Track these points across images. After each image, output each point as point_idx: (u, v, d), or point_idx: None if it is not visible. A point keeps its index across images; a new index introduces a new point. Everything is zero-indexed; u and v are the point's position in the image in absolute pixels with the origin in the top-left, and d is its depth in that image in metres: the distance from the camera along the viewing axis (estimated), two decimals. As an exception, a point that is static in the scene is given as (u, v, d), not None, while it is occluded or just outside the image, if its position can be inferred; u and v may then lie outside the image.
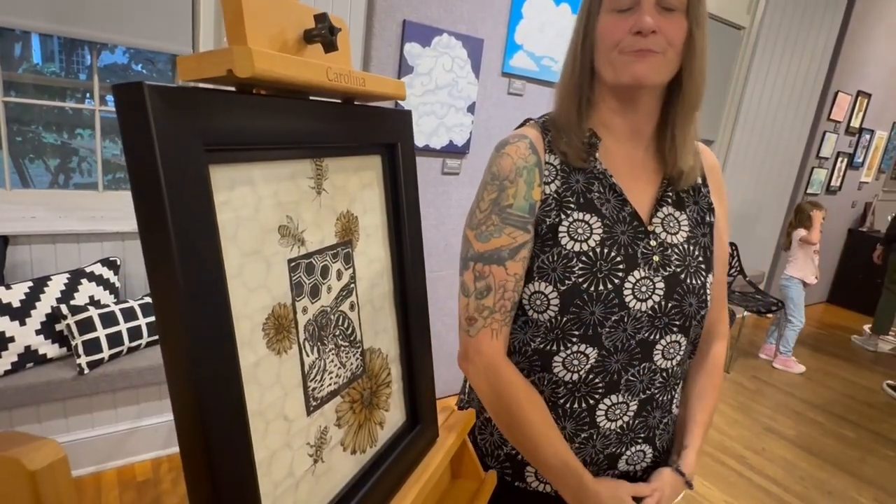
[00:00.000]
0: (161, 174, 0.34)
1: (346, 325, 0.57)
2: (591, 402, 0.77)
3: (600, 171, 0.77)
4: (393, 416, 0.66)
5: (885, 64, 4.91)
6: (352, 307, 0.58)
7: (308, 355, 0.51)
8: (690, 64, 0.73)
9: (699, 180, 0.83)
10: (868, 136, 5.13)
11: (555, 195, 0.76)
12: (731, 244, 3.79)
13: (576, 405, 0.78)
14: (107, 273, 2.07)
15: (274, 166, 0.46)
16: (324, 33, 0.46)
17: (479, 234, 0.76)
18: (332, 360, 0.54)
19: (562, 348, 0.76)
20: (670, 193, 0.80)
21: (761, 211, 4.64)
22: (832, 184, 4.90)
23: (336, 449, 0.55)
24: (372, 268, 0.62)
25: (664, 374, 0.80)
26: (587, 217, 0.75)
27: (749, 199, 4.63)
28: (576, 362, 0.76)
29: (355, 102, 0.57)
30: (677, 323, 0.77)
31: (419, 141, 2.30)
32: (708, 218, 0.82)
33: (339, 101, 0.55)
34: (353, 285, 0.58)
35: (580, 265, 0.74)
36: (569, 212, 0.75)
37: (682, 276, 0.77)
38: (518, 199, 0.75)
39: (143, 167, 0.34)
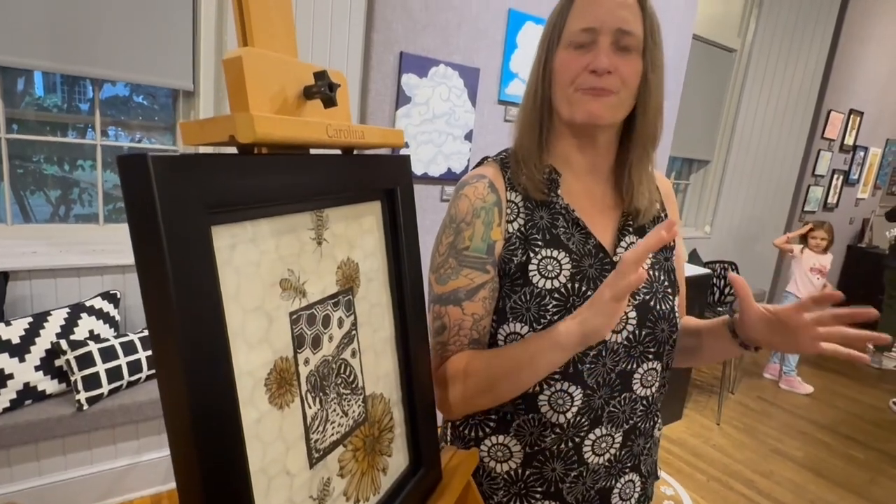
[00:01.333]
0: (164, 243, 0.34)
1: (347, 373, 0.57)
2: (577, 440, 0.77)
3: (563, 206, 0.77)
4: (396, 460, 0.65)
5: (876, 81, 4.98)
6: (353, 354, 0.58)
7: (310, 407, 0.50)
8: (644, 104, 0.75)
9: (657, 206, 0.83)
10: (862, 154, 5.18)
11: (519, 233, 0.75)
12: (732, 264, 3.79)
13: (563, 446, 0.77)
14: (107, 307, 2.07)
15: (275, 221, 0.47)
16: (323, 90, 0.47)
17: (438, 277, 0.77)
18: (335, 410, 0.54)
19: (545, 388, 0.75)
20: (631, 223, 0.80)
21: (760, 230, 4.66)
22: (829, 201, 4.92)
23: (339, 500, 0.54)
24: (373, 313, 0.62)
25: (644, 402, 0.79)
26: (555, 253, 0.75)
27: (747, 217, 4.65)
28: (561, 402, 0.75)
29: (354, 152, 0.58)
30: (652, 350, 0.77)
31: (418, 169, 2.32)
32: (669, 243, 0.82)
33: (338, 151, 0.56)
34: (354, 332, 0.58)
35: (554, 303, 0.73)
36: (537, 249, 0.75)
37: (652, 302, 0.77)
38: (475, 241, 0.75)
39: (146, 237, 0.34)
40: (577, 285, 0.74)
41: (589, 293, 0.74)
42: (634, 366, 0.76)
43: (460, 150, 2.43)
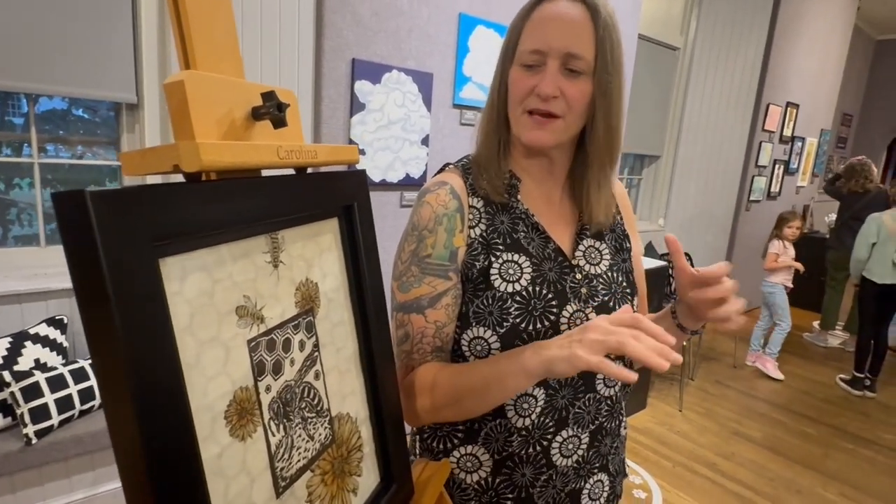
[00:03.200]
0: (108, 284, 0.32)
1: (311, 396, 0.55)
2: (545, 443, 0.77)
3: (522, 210, 0.78)
4: (366, 480, 0.64)
5: (809, 76, 5.26)
6: (317, 376, 0.57)
7: (274, 435, 0.49)
8: (593, 126, 0.75)
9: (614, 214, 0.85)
10: (800, 144, 5.46)
11: (480, 238, 0.76)
12: (686, 255, 3.91)
13: (530, 450, 0.77)
14: (53, 333, 1.96)
15: (228, 248, 0.45)
16: (272, 111, 0.46)
17: (400, 285, 0.77)
18: (300, 435, 0.53)
19: None
20: (588, 226, 0.82)
21: (710, 220, 4.84)
22: (772, 190, 5.16)
23: (309, 527, 0.53)
24: (336, 332, 0.61)
25: (609, 402, 0.81)
26: (516, 257, 0.76)
27: (698, 209, 4.82)
28: (526, 406, 0.75)
29: (308, 170, 0.56)
30: None
31: (375, 176, 2.30)
32: (626, 244, 0.86)
33: (292, 170, 0.55)
34: (316, 353, 0.57)
35: (515, 305, 0.74)
36: (498, 253, 0.75)
37: (611, 303, 0.78)
38: (437, 248, 0.75)
39: (88, 277, 0.33)
40: (537, 288, 0.75)
41: (549, 295, 0.75)
42: None
43: (418, 155, 2.43)
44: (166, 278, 0.38)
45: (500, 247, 0.76)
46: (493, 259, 0.75)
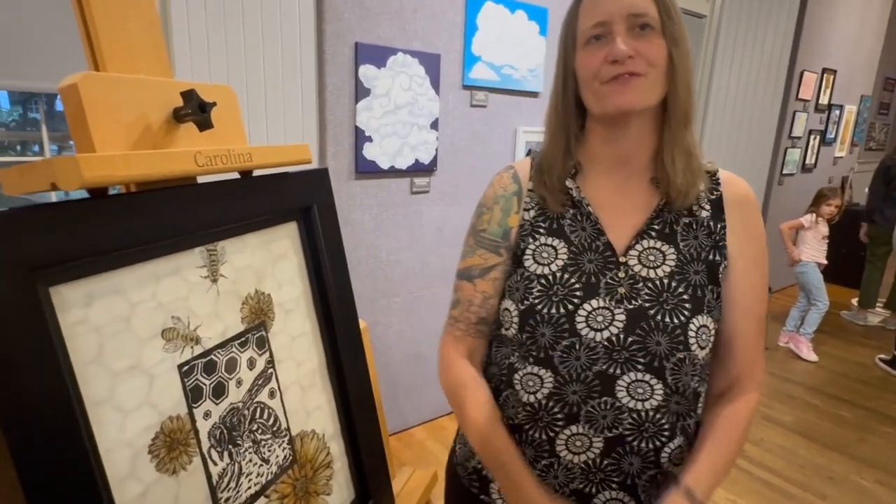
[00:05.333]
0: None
1: (266, 417, 0.52)
2: (552, 433, 0.75)
3: (577, 199, 0.77)
4: (338, 497, 0.61)
5: (847, 39, 4.94)
6: (272, 395, 0.53)
7: (215, 464, 0.46)
8: (674, 85, 0.72)
9: (704, 213, 0.77)
10: (837, 112, 5.16)
11: (530, 221, 0.79)
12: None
13: (537, 434, 0.76)
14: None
15: (149, 266, 0.41)
16: (192, 112, 0.42)
17: (462, 254, 0.83)
18: (251, 460, 0.49)
19: (521, 367, 0.76)
20: (657, 226, 0.75)
21: (740, 195, 4.64)
22: (807, 162, 4.91)
23: (264, 557, 0.50)
24: (295, 345, 0.57)
25: (635, 416, 0.74)
26: (554, 242, 0.77)
27: (726, 184, 4.62)
28: (531, 383, 0.76)
29: (254, 173, 0.52)
30: (641, 360, 0.72)
31: (384, 163, 2.25)
32: (710, 256, 0.76)
33: (237, 175, 0.50)
34: (271, 370, 0.53)
35: (538, 287, 0.75)
36: (537, 236, 0.77)
37: (652, 311, 0.72)
38: (492, 225, 0.79)
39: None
40: (566, 276, 0.74)
41: (576, 285, 0.74)
42: (618, 371, 0.72)
43: (427, 139, 2.37)
44: (60, 308, 0.34)
45: (542, 230, 0.78)
46: (531, 241, 0.77)
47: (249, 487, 0.49)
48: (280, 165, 0.51)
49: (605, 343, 0.71)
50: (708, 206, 0.77)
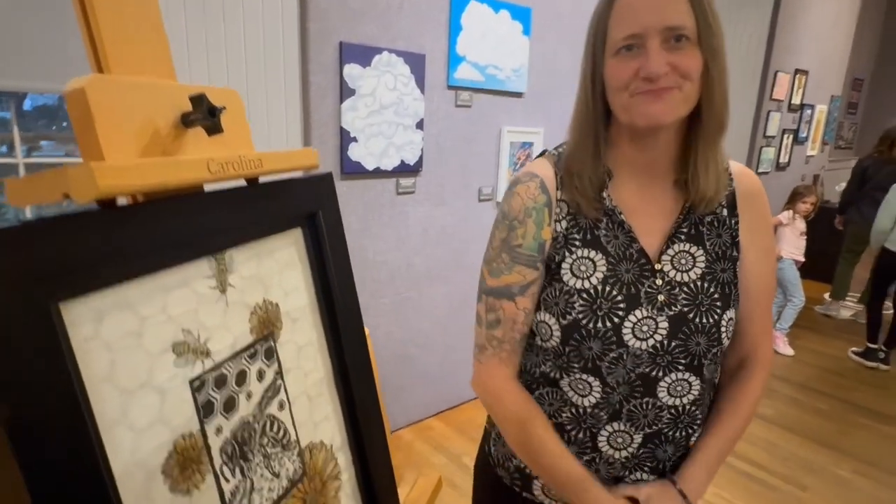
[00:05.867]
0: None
1: (276, 430, 0.50)
2: (594, 431, 0.78)
3: (610, 207, 0.75)
4: (345, 509, 0.60)
5: (818, 40, 5.07)
6: (281, 406, 0.51)
7: (228, 481, 0.44)
8: (710, 95, 0.70)
9: (724, 211, 0.78)
10: (809, 112, 5.29)
11: (563, 233, 0.76)
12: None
13: (580, 435, 0.78)
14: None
15: (158, 278, 0.39)
16: (202, 117, 0.40)
17: (491, 270, 0.78)
18: (262, 475, 0.48)
19: (566, 376, 0.77)
20: (686, 229, 0.76)
21: (717, 193, 4.72)
22: (781, 161, 5.03)
23: (276, 574, 0.48)
24: (303, 354, 0.55)
25: (673, 412, 0.77)
26: (591, 254, 0.75)
27: (704, 183, 4.70)
28: (580, 387, 0.77)
29: (260, 179, 0.50)
30: (683, 361, 0.74)
31: (369, 164, 2.23)
32: (732, 252, 0.78)
33: (242, 182, 0.49)
34: (279, 382, 0.52)
35: (581, 302, 0.73)
36: (573, 249, 0.75)
37: (691, 314, 0.74)
38: (527, 239, 0.75)
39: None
40: (608, 288, 0.74)
41: (619, 297, 0.73)
42: (661, 373, 0.74)
43: (412, 139, 2.35)
44: (71, 324, 0.32)
45: (577, 242, 0.75)
46: (567, 254, 0.75)
47: (262, 502, 0.47)
48: (289, 171, 0.50)
49: (650, 350, 0.73)
50: (725, 203, 0.79)
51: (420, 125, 2.35)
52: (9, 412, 0.27)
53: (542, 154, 0.83)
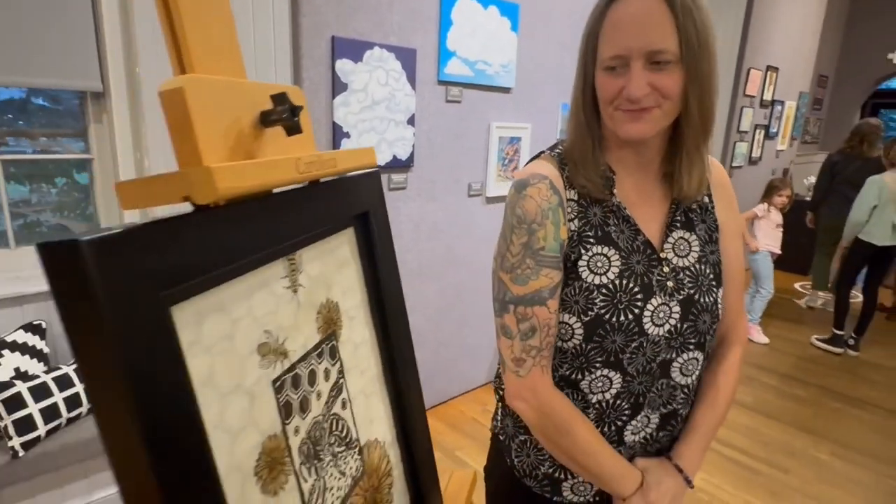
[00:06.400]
0: (112, 347, 0.26)
1: (340, 429, 0.50)
2: (620, 424, 0.81)
3: (615, 204, 0.79)
4: (397, 505, 0.60)
5: (788, 38, 5.23)
6: (344, 405, 0.51)
7: (306, 481, 0.44)
8: (687, 111, 0.73)
9: (706, 199, 0.84)
10: (780, 108, 5.46)
11: (577, 231, 0.78)
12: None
13: (605, 429, 0.81)
14: (32, 339, 1.87)
15: (244, 280, 0.39)
16: (284, 116, 0.40)
17: (515, 278, 0.76)
18: (332, 474, 0.48)
19: (587, 375, 0.79)
20: (679, 217, 0.82)
21: (694, 187, 4.83)
22: (753, 155, 5.18)
23: (347, 572, 0.49)
24: (358, 353, 0.55)
25: (685, 390, 0.83)
26: (605, 250, 0.77)
27: (682, 177, 4.80)
28: (600, 384, 0.79)
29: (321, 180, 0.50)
30: (693, 341, 0.80)
31: (362, 159, 2.22)
32: (714, 235, 0.84)
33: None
34: (342, 380, 0.52)
35: (601, 297, 0.76)
36: (588, 246, 0.77)
37: (696, 296, 0.79)
38: (549, 241, 0.76)
39: (87, 340, 0.27)
40: (624, 282, 0.76)
41: (635, 289, 0.77)
42: (674, 355, 0.79)
43: (404, 135, 2.34)
44: (180, 328, 0.32)
45: (591, 239, 0.77)
46: (583, 251, 0.77)
47: (334, 502, 0.47)
48: (356, 170, 0.50)
49: (666, 335, 0.78)
50: (705, 191, 0.85)
51: (411, 121, 2.34)
52: (143, 428, 0.27)
53: (538, 156, 0.84)
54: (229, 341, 0.37)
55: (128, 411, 0.27)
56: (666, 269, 0.79)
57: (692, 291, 0.79)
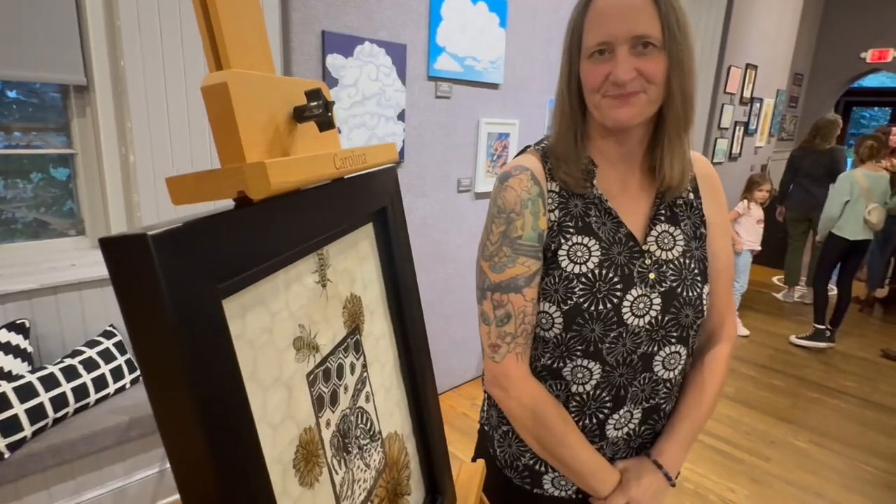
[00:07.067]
0: (177, 340, 0.27)
1: (365, 422, 0.51)
2: (601, 416, 0.81)
3: (596, 196, 0.80)
4: (416, 497, 0.61)
5: (767, 37, 5.34)
6: (367, 398, 0.52)
7: (337, 473, 0.45)
8: (671, 97, 0.75)
9: (691, 195, 0.85)
10: (758, 105, 5.58)
11: (557, 222, 0.79)
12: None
13: (587, 421, 0.82)
14: (15, 338, 1.83)
15: (281, 274, 0.39)
16: (319, 112, 0.40)
17: (493, 266, 0.78)
18: (359, 466, 0.48)
19: (567, 363, 0.79)
20: (663, 210, 0.82)
21: (675, 183, 4.91)
22: (733, 152, 5.28)
23: (374, 562, 0.49)
24: (379, 347, 0.56)
25: (668, 385, 0.83)
26: (585, 240, 0.78)
27: (664, 173, 4.88)
28: (580, 375, 0.79)
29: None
30: (675, 334, 0.80)
31: (352, 155, 2.21)
32: (700, 230, 0.85)
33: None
34: (365, 374, 0.52)
35: (580, 286, 0.77)
36: (568, 236, 0.78)
37: (679, 289, 0.80)
38: (526, 230, 0.77)
39: (150, 333, 0.27)
40: (604, 272, 0.77)
41: (615, 279, 0.77)
42: (656, 348, 0.80)
43: (394, 131, 2.34)
44: (230, 321, 0.32)
45: (571, 229, 0.78)
46: (563, 241, 0.78)
47: (360, 493, 0.48)
48: (382, 165, 0.50)
49: (647, 327, 0.78)
50: (690, 187, 0.86)
51: (401, 116, 2.34)
52: (205, 421, 0.28)
53: (524, 150, 0.86)
54: (269, 335, 0.37)
55: (188, 402, 0.27)
56: (648, 262, 0.79)
57: (675, 284, 0.79)
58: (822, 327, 3.76)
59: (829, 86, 7.59)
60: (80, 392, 1.84)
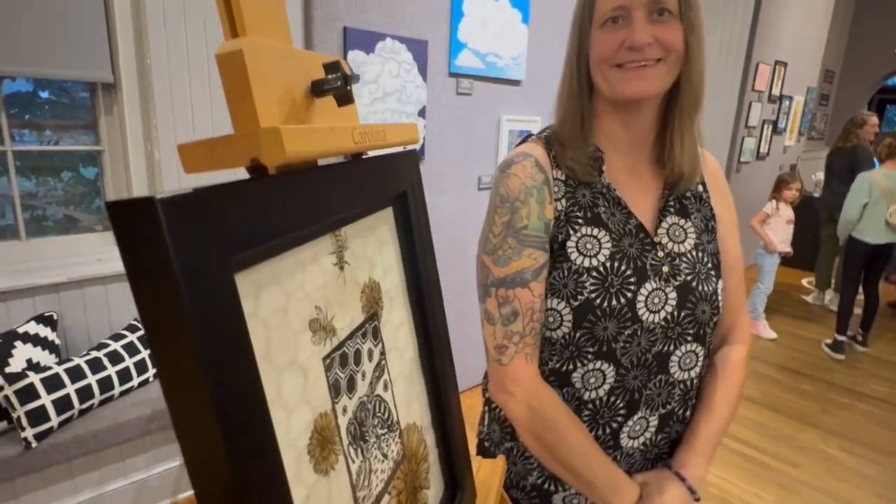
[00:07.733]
0: (187, 314, 0.25)
1: (383, 411, 0.49)
2: (615, 425, 0.76)
3: (604, 185, 0.76)
4: (434, 491, 0.59)
5: (797, 33, 5.20)
6: (385, 387, 0.50)
7: (353, 461, 0.43)
8: (689, 69, 0.72)
9: (700, 188, 0.82)
10: (788, 103, 5.44)
11: (564, 212, 0.74)
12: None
13: (600, 431, 0.76)
14: (44, 331, 1.86)
15: (296, 252, 0.38)
16: (338, 85, 0.39)
17: (496, 259, 0.72)
18: (376, 456, 0.47)
19: (578, 366, 0.74)
20: (672, 202, 0.79)
21: (700, 183, 4.81)
22: (761, 150, 5.16)
23: (391, 556, 0.48)
24: (398, 335, 0.54)
25: (683, 387, 0.78)
26: (595, 231, 0.74)
27: (688, 172, 4.78)
28: (592, 380, 0.74)
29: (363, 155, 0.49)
30: (691, 332, 0.76)
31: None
32: (711, 224, 0.81)
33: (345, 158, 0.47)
34: (384, 362, 0.51)
35: (591, 280, 0.72)
36: (576, 227, 0.73)
37: (694, 283, 0.75)
38: (532, 220, 0.72)
39: (158, 306, 0.26)
40: (616, 264, 0.73)
41: (628, 272, 0.73)
42: (672, 347, 0.75)
43: (414, 127, 2.33)
44: (242, 297, 0.31)
45: (580, 220, 0.73)
46: (571, 232, 0.73)
47: (377, 485, 0.47)
48: (402, 144, 0.49)
49: (662, 323, 0.73)
50: (699, 180, 0.82)
51: (422, 113, 2.33)
52: (216, 401, 0.26)
53: (525, 139, 0.81)
54: (284, 315, 0.36)
55: (197, 376, 0.26)
56: (661, 254, 0.75)
57: (689, 278, 0.75)
58: (842, 338, 3.59)
59: (862, 83, 7.36)
60: (105, 384, 1.87)
